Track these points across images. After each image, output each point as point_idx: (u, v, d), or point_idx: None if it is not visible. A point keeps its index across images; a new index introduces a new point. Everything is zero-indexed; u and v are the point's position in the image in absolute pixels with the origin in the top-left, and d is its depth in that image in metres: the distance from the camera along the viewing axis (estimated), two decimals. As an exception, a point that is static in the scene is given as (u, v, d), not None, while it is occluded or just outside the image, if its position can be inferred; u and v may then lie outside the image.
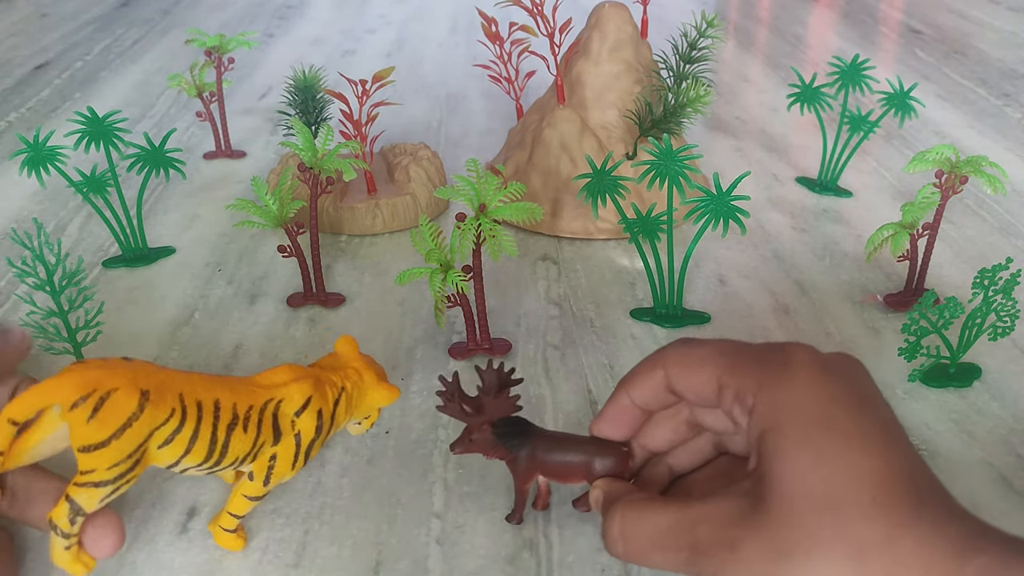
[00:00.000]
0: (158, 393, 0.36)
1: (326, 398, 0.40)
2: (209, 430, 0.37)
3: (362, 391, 0.42)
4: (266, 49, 1.24)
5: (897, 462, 0.32)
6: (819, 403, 0.33)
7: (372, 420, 0.44)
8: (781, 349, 0.35)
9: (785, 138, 0.92)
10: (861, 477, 0.31)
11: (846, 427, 0.32)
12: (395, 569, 0.41)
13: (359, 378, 0.42)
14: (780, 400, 0.33)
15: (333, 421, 0.41)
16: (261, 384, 0.40)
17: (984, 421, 0.51)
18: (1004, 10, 1.42)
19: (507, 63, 0.79)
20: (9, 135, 0.93)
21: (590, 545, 0.42)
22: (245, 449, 0.38)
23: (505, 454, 0.41)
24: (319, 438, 0.40)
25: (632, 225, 0.57)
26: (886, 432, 0.33)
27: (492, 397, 0.39)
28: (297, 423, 0.39)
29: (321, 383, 0.40)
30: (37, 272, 0.48)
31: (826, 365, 0.34)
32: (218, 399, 0.38)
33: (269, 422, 0.39)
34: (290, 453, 0.39)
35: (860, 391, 0.34)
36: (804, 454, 0.32)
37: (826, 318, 0.60)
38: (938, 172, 0.58)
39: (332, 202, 0.71)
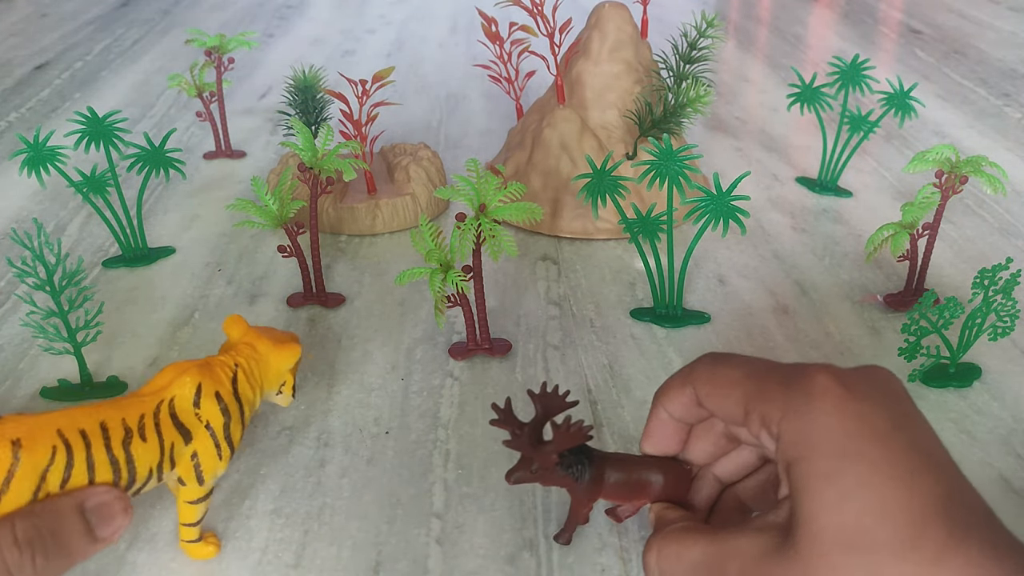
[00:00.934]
0: (31, 438, 0.35)
1: (219, 379, 0.39)
2: (103, 452, 0.36)
3: (261, 360, 0.41)
4: (266, 49, 1.24)
5: (930, 491, 0.30)
6: (843, 433, 0.31)
7: (290, 386, 0.43)
8: (803, 374, 0.34)
9: (785, 138, 0.92)
10: (890, 512, 0.29)
11: (873, 457, 0.31)
12: (395, 569, 0.41)
13: (252, 350, 0.41)
14: (804, 431, 0.32)
15: (240, 399, 0.40)
16: (148, 392, 0.38)
17: (984, 421, 0.51)
18: (1004, 10, 1.42)
19: (507, 63, 0.79)
20: (9, 135, 0.93)
21: (590, 545, 0.42)
22: (154, 457, 0.37)
23: (570, 483, 0.38)
24: (232, 420, 0.39)
25: (632, 225, 0.57)
26: (919, 457, 0.31)
27: (563, 429, 0.36)
28: (201, 413, 0.38)
29: (209, 366, 0.39)
30: (37, 272, 0.48)
31: (851, 388, 0.33)
32: (103, 420, 0.36)
33: (168, 423, 0.38)
34: (209, 445, 0.39)
35: (890, 413, 0.32)
36: (830, 489, 0.31)
37: (826, 318, 0.60)
38: (938, 172, 0.58)
39: (332, 202, 0.71)
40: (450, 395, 0.53)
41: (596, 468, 0.38)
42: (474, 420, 0.51)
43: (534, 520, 0.44)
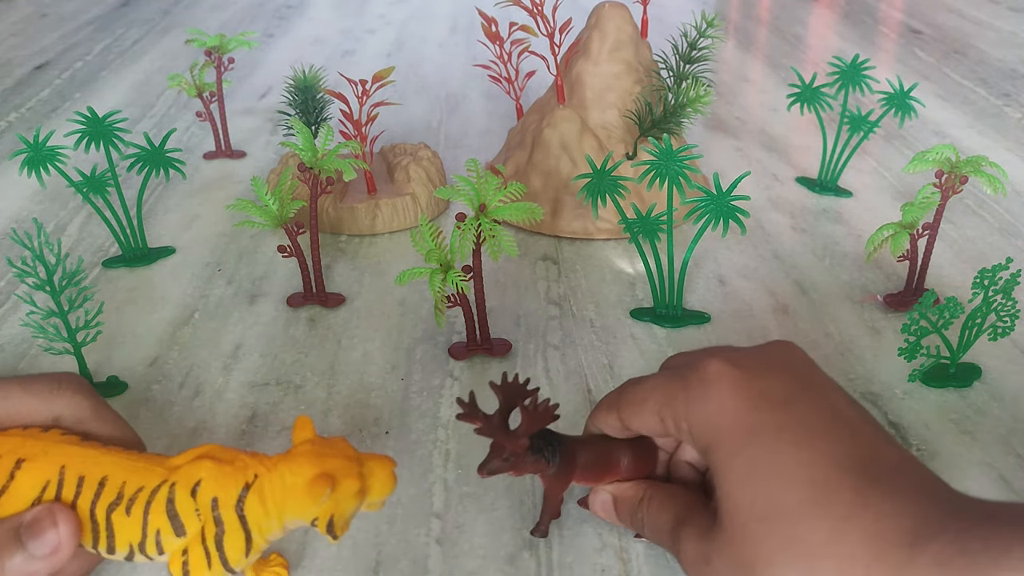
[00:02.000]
0: (33, 461, 0.34)
1: (225, 485, 0.34)
2: (87, 507, 0.34)
3: (287, 487, 0.34)
4: (266, 49, 1.24)
5: (833, 450, 0.31)
6: (742, 410, 0.33)
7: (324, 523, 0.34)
8: (697, 365, 0.35)
9: (785, 138, 0.92)
10: (794, 477, 0.30)
11: (773, 427, 0.32)
12: (395, 569, 0.41)
13: (286, 469, 0.34)
14: (706, 417, 0.34)
15: (243, 516, 0.34)
16: (166, 464, 0.35)
17: (984, 421, 0.51)
18: (1004, 10, 1.42)
19: (507, 63, 0.79)
20: (9, 135, 0.93)
21: (590, 545, 0.42)
22: (135, 536, 0.34)
23: (543, 467, 0.38)
24: (226, 534, 0.34)
25: (632, 225, 0.57)
26: (820, 420, 0.32)
27: (531, 410, 0.36)
28: (201, 512, 0.34)
29: (228, 467, 0.34)
30: (37, 272, 0.48)
31: (745, 366, 0.34)
32: (106, 476, 0.34)
33: (160, 509, 0.34)
34: (198, 549, 0.34)
35: (788, 383, 0.34)
36: (738, 465, 0.32)
37: (826, 318, 0.60)
38: (938, 172, 0.58)
39: (332, 202, 0.71)
40: (450, 395, 0.53)
41: (567, 451, 0.39)
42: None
43: (534, 520, 0.44)
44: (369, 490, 0.35)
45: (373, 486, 0.35)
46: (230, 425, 0.50)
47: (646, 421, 0.37)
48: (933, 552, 0.27)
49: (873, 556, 0.28)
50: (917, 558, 0.27)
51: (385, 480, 0.35)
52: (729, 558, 0.32)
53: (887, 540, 0.28)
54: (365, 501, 0.35)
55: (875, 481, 0.30)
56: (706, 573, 0.33)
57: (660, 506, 0.37)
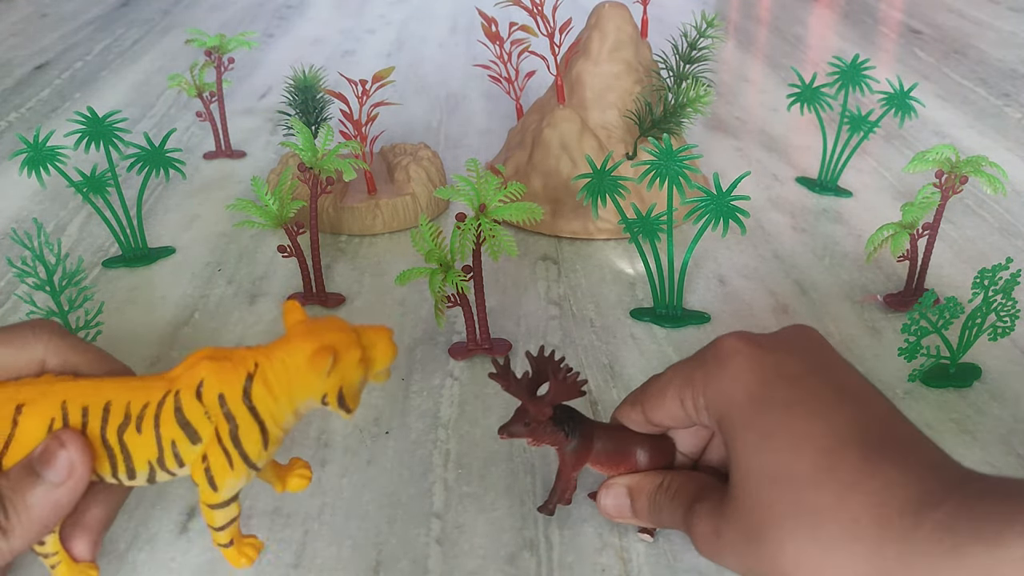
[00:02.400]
0: (33, 405, 0.34)
1: (228, 379, 0.33)
2: (97, 434, 0.34)
3: (291, 364, 0.33)
4: (266, 49, 1.24)
5: (844, 421, 0.31)
6: (757, 382, 0.34)
7: (333, 397, 0.34)
8: (714, 344, 0.36)
9: (785, 138, 0.92)
10: (804, 445, 0.31)
11: (786, 399, 0.33)
12: (395, 569, 0.41)
13: (284, 351, 0.33)
14: (721, 389, 0.35)
15: (253, 406, 0.33)
16: (165, 377, 0.35)
17: (984, 421, 0.51)
18: (1004, 10, 1.42)
19: (507, 63, 0.79)
20: (9, 135, 0.93)
21: (590, 545, 0.42)
22: (151, 452, 0.34)
23: (561, 440, 0.39)
24: (240, 428, 0.33)
25: (632, 225, 0.57)
26: (832, 393, 0.33)
27: (560, 379, 0.37)
28: (210, 413, 0.34)
29: (227, 362, 0.34)
30: (37, 272, 0.48)
31: (761, 343, 0.35)
32: (110, 401, 0.34)
33: (170, 418, 0.33)
34: (216, 450, 0.34)
35: (803, 359, 0.35)
36: (751, 434, 0.32)
37: (826, 318, 0.60)
38: (938, 172, 0.58)
39: (332, 202, 0.71)
40: (450, 395, 0.53)
41: (585, 431, 0.40)
42: (474, 420, 0.51)
43: (534, 520, 0.44)
44: (372, 360, 0.34)
45: (375, 355, 0.34)
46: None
47: (668, 409, 0.37)
48: (937, 518, 0.28)
49: (877, 520, 0.29)
50: (922, 523, 0.28)
51: (385, 348, 0.35)
52: (738, 525, 0.32)
53: (892, 507, 0.29)
54: (370, 371, 0.35)
55: (883, 451, 0.30)
56: (716, 546, 0.34)
57: (678, 489, 0.38)
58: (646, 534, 0.42)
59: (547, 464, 0.47)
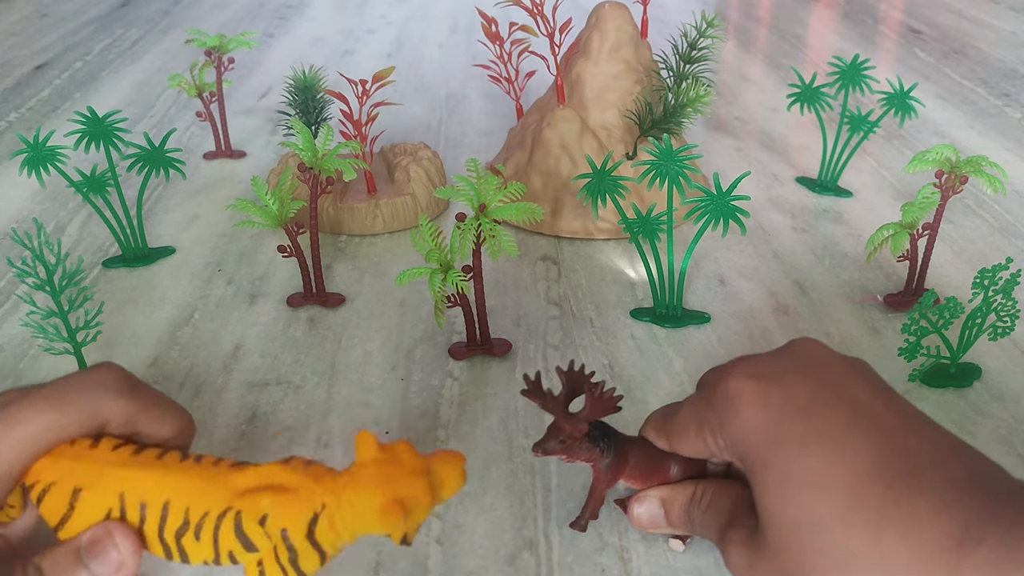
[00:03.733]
0: (91, 490, 0.34)
1: (294, 517, 0.33)
2: (155, 533, 0.33)
3: (356, 514, 0.33)
4: (266, 49, 1.24)
5: (861, 453, 0.31)
6: (766, 423, 0.33)
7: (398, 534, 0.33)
8: (719, 385, 0.35)
9: (785, 138, 0.92)
10: (825, 485, 0.30)
11: (799, 436, 0.32)
12: (395, 569, 0.41)
13: (354, 495, 0.33)
14: (736, 433, 0.34)
15: (316, 542, 0.33)
16: (227, 484, 0.34)
17: (984, 421, 0.51)
18: (1004, 10, 1.42)
19: (507, 63, 0.79)
20: (9, 135, 0.93)
21: (590, 545, 0.42)
22: (208, 555, 0.34)
23: (597, 457, 0.39)
24: (300, 557, 0.33)
25: (632, 225, 0.57)
26: (844, 420, 0.32)
27: (597, 395, 0.37)
28: (269, 533, 0.33)
29: (293, 497, 0.33)
30: (37, 272, 0.48)
31: (764, 377, 0.34)
32: (167, 501, 0.33)
33: (230, 533, 0.33)
34: (273, 566, 0.33)
35: (808, 386, 0.34)
36: (770, 478, 0.32)
37: (826, 318, 0.60)
38: (938, 172, 0.58)
39: (332, 202, 0.71)
40: (450, 395, 0.53)
41: (620, 447, 0.40)
42: (474, 420, 0.51)
43: (534, 520, 0.44)
44: (439, 495, 0.34)
45: (443, 490, 0.34)
46: (230, 425, 0.50)
47: (694, 447, 0.37)
48: (982, 555, 0.27)
49: (915, 559, 0.28)
50: (964, 561, 0.27)
51: (456, 479, 0.35)
52: (772, 566, 0.32)
53: (928, 544, 0.28)
54: (437, 502, 0.34)
55: (907, 480, 0.29)
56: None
57: (711, 502, 0.38)
58: (678, 541, 0.42)
59: (547, 464, 0.47)
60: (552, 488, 0.45)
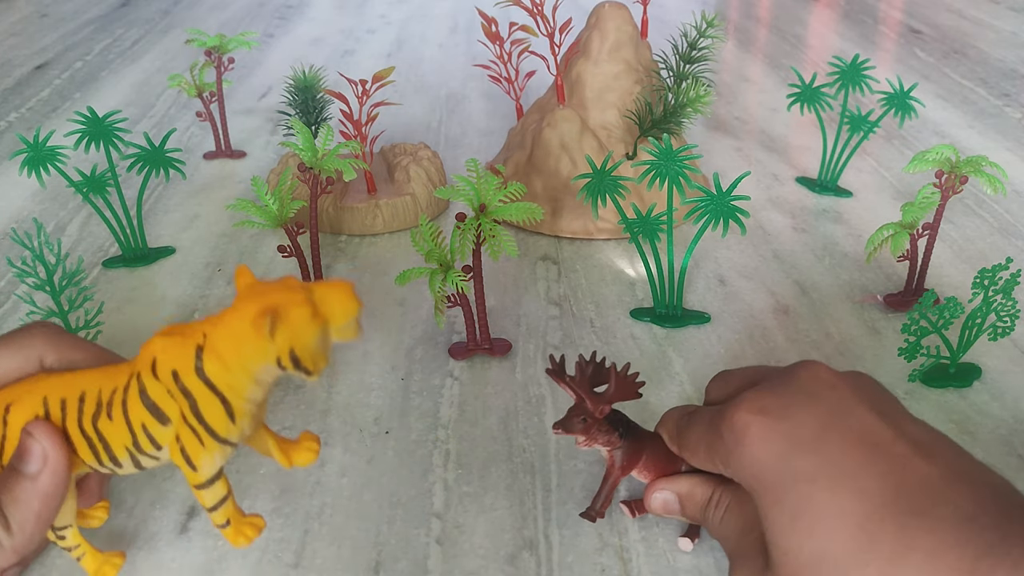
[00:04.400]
0: (19, 403, 0.35)
1: (178, 354, 0.32)
2: (75, 426, 0.34)
3: (236, 334, 0.31)
4: (266, 49, 1.24)
5: (871, 487, 0.31)
6: (774, 458, 0.33)
7: (308, 358, 0.31)
8: (724, 419, 0.35)
9: (785, 138, 0.92)
10: (836, 523, 0.30)
11: (807, 471, 0.32)
12: (395, 569, 0.41)
13: (231, 317, 0.32)
14: (742, 468, 0.34)
15: (208, 380, 0.32)
16: (133, 360, 0.34)
17: (984, 422, 0.51)
18: (1004, 10, 1.42)
19: (507, 63, 0.79)
20: (9, 135, 0.93)
21: (590, 545, 0.42)
22: (125, 438, 0.33)
23: (615, 441, 0.39)
24: (199, 403, 0.32)
25: (632, 225, 0.57)
26: (855, 455, 0.32)
27: (623, 376, 0.37)
28: (171, 392, 0.33)
29: (179, 336, 0.33)
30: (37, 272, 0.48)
31: (770, 411, 0.34)
32: (84, 391, 0.34)
33: (136, 401, 0.33)
34: (185, 430, 0.33)
35: (817, 416, 0.33)
36: (781, 516, 0.32)
37: (826, 318, 0.60)
38: (938, 172, 0.58)
39: (332, 202, 0.71)
40: (450, 395, 0.53)
41: (636, 437, 0.40)
42: (474, 420, 0.51)
43: (534, 520, 0.44)
44: (328, 316, 0.32)
45: (331, 310, 0.32)
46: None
47: (705, 466, 0.38)
48: None
49: None
50: None
51: (344, 301, 0.32)
52: None
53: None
54: (331, 328, 0.32)
55: (919, 514, 0.29)
56: None
57: (727, 510, 0.38)
58: (687, 540, 0.42)
59: (547, 464, 0.47)
60: (552, 488, 0.45)
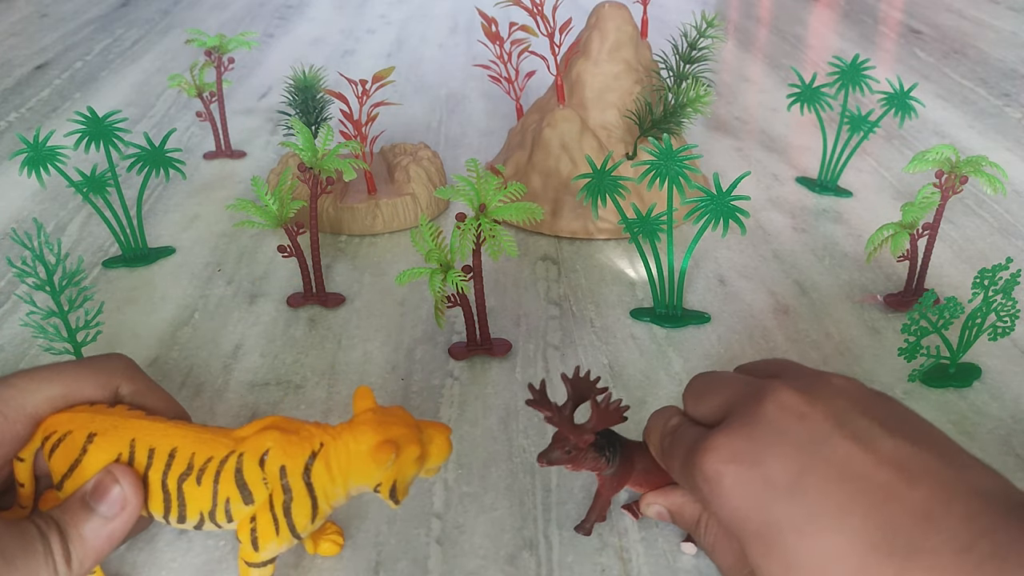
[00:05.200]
0: (104, 436, 0.35)
1: (293, 454, 0.35)
2: (158, 478, 0.35)
3: (351, 455, 0.35)
4: (266, 49, 1.24)
5: (859, 526, 0.30)
6: (754, 510, 0.32)
7: (387, 489, 0.36)
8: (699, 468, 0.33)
9: (785, 138, 0.92)
10: (831, 570, 0.30)
11: (791, 520, 0.31)
12: (395, 569, 0.41)
13: (350, 437, 0.35)
14: (725, 520, 0.33)
15: (310, 484, 0.35)
16: (232, 435, 0.36)
17: (984, 422, 0.51)
18: (1004, 10, 1.42)
19: (507, 63, 0.79)
20: (9, 135, 0.93)
21: (590, 545, 0.42)
22: (206, 504, 0.35)
23: (602, 466, 0.39)
24: (294, 501, 0.35)
25: (632, 225, 0.57)
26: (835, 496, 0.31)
27: (603, 407, 0.37)
28: (268, 481, 0.35)
29: (294, 436, 0.35)
30: (37, 272, 0.48)
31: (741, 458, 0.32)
32: (175, 447, 0.35)
33: (229, 477, 0.35)
34: (266, 516, 0.35)
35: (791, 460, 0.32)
36: (771, 567, 0.31)
37: (826, 318, 0.60)
38: (938, 172, 0.58)
39: (332, 202, 0.71)
40: (450, 395, 0.53)
41: (626, 454, 0.39)
42: (474, 420, 0.51)
43: (534, 520, 0.44)
44: (428, 456, 0.36)
45: (432, 452, 0.36)
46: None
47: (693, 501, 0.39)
48: None
49: None
50: None
51: (442, 446, 0.37)
52: None
53: None
54: (424, 467, 0.36)
55: (915, 551, 0.29)
56: None
57: (718, 543, 0.38)
58: (690, 544, 0.42)
59: (547, 464, 0.47)
60: (552, 488, 0.45)
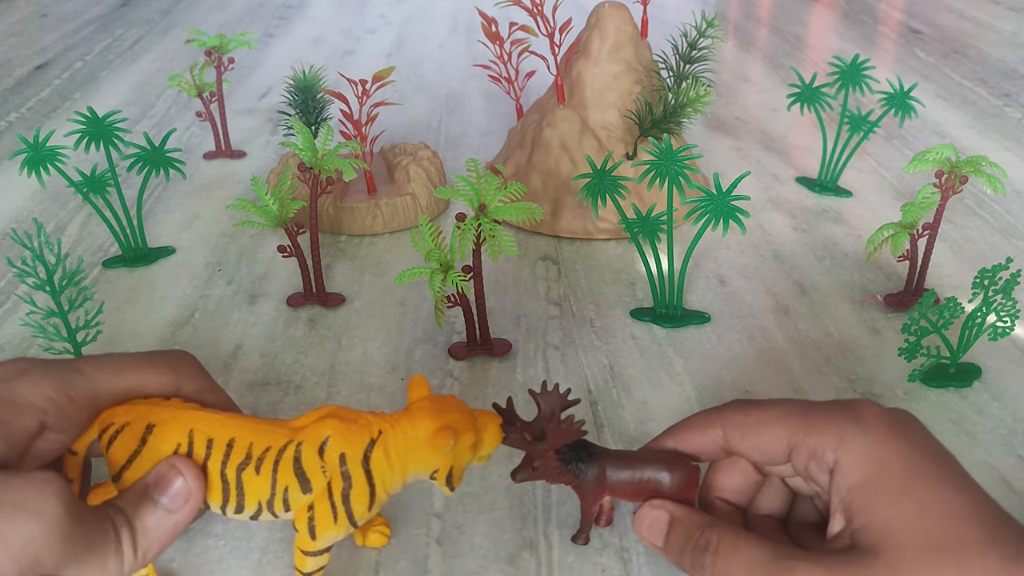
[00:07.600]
0: (164, 426, 0.35)
1: (352, 441, 0.35)
2: (217, 468, 0.35)
3: (411, 439, 0.36)
4: (266, 49, 1.24)
5: (987, 502, 0.33)
6: (906, 453, 0.34)
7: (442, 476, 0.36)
8: (851, 406, 0.36)
9: (785, 138, 0.92)
10: (966, 518, 0.32)
11: (936, 474, 0.34)
12: (395, 569, 0.41)
13: (409, 424, 0.36)
14: (865, 454, 0.35)
15: (369, 470, 0.35)
16: (289, 426, 0.36)
17: (984, 422, 0.51)
18: (1004, 10, 1.42)
19: (507, 63, 0.79)
20: (9, 135, 0.93)
21: (590, 545, 0.42)
22: (264, 494, 0.35)
23: (572, 480, 0.39)
24: (353, 488, 0.35)
25: (632, 225, 0.57)
26: (966, 477, 0.34)
27: (556, 424, 0.37)
28: (327, 468, 0.35)
29: (353, 424, 0.36)
30: (37, 272, 0.48)
31: (894, 419, 0.36)
32: (233, 438, 0.35)
33: (288, 466, 0.35)
34: (325, 504, 0.35)
35: (929, 441, 0.36)
36: (908, 503, 0.33)
37: (826, 318, 0.60)
38: (938, 172, 0.58)
39: (332, 202, 0.71)
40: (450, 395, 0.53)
41: (600, 465, 0.39)
42: (474, 420, 0.51)
43: (534, 520, 0.44)
44: (482, 443, 0.37)
45: (485, 439, 0.37)
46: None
47: (765, 446, 0.37)
48: None
49: None
50: None
51: (495, 434, 0.37)
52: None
53: None
54: (477, 454, 0.37)
55: (1021, 531, 0.32)
56: None
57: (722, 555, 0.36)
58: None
59: (547, 464, 0.47)
60: (552, 488, 0.45)
